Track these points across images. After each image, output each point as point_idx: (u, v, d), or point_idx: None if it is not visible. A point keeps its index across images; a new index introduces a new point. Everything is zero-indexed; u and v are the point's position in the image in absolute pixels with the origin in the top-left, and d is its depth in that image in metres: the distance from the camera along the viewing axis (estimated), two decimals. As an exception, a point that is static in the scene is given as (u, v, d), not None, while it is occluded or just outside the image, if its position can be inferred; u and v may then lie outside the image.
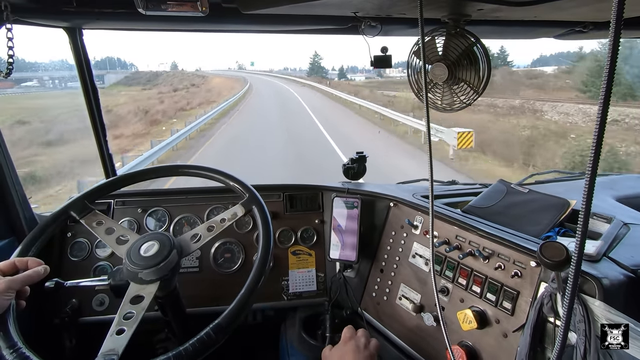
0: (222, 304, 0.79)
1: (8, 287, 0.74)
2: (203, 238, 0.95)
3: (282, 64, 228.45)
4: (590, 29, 1.10)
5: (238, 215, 1.00)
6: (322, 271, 1.39)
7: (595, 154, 0.49)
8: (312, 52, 72.00)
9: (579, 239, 0.53)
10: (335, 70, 68.11)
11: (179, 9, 0.84)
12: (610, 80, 0.47)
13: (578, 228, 0.53)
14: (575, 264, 0.54)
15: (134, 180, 1.13)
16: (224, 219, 0.99)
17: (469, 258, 0.99)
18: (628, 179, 1.63)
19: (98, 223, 0.96)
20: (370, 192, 1.34)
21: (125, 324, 0.76)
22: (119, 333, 0.74)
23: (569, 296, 0.56)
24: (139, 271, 0.83)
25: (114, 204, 1.34)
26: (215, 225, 0.97)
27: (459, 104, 1.04)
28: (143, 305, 0.81)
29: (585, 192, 0.51)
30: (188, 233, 0.95)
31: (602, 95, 0.47)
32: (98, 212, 0.98)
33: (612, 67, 0.47)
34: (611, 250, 0.90)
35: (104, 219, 0.97)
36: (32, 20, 1.05)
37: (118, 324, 0.76)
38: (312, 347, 1.34)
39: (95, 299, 1.24)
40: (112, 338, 0.73)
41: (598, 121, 0.48)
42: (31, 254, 0.89)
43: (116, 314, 0.78)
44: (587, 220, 0.52)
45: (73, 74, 1.37)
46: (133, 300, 0.81)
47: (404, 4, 0.87)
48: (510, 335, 0.87)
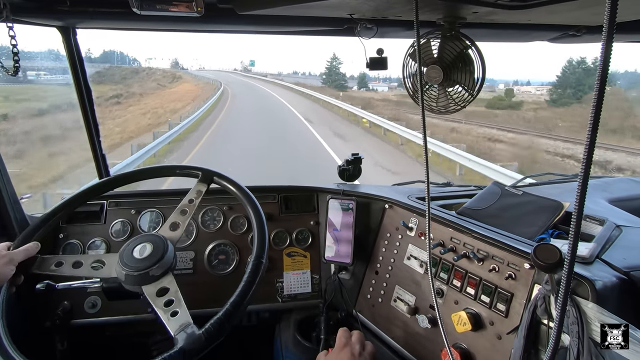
0: (217, 306, 0.79)
1: (10, 259, 0.83)
2: (182, 224, 0.95)
3: (294, 67, 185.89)
4: (583, 33, 1.11)
5: (202, 192, 1.03)
6: (317, 273, 1.39)
7: (588, 158, 0.50)
8: (329, 55, 57.36)
9: (571, 241, 0.53)
10: (353, 77, 55.40)
11: (174, 9, 0.84)
12: (602, 84, 0.47)
13: (571, 230, 0.53)
14: (567, 266, 0.54)
15: (128, 181, 1.12)
16: (191, 199, 1.01)
17: (464, 260, 0.99)
18: (621, 181, 1.65)
19: (57, 264, 0.89)
20: (366, 193, 1.34)
21: (172, 308, 0.77)
22: (174, 314, 0.76)
23: (561, 298, 0.56)
24: (148, 270, 0.83)
25: (107, 205, 1.33)
26: (187, 208, 0.99)
27: (454, 106, 1.05)
28: (174, 290, 0.81)
29: (577, 194, 0.51)
30: (165, 225, 0.96)
31: (595, 99, 0.48)
32: (47, 257, 0.90)
33: (604, 71, 0.47)
34: (604, 252, 0.91)
35: (61, 258, 0.91)
36: (25, 19, 1.04)
37: (165, 312, 0.76)
38: (307, 349, 1.34)
39: (87, 302, 1.23)
40: (172, 321, 0.75)
41: (590, 125, 0.49)
42: (5, 285, 0.88)
43: (155, 309, 0.78)
44: (580, 223, 0.52)
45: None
46: (159, 294, 0.81)
47: (399, 6, 0.87)
48: (504, 337, 0.87)
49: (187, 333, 0.72)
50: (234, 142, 10.76)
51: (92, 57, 75.76)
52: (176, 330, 0.73)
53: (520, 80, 71.07)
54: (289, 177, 6.41)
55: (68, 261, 0.89)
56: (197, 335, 0.72)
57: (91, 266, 0.89)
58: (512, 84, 54.04)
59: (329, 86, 44.49)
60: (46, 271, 0.88)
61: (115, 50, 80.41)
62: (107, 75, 41.60)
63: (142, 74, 46.22)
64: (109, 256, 0.90)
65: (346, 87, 46.93)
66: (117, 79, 39.97)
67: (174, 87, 35.99)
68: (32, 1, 0.96)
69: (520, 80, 71.02)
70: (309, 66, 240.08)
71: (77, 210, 1.08)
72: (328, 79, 49.53)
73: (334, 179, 1.52)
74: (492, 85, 43.53)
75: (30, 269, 0.87)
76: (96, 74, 40.72)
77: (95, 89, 1.31)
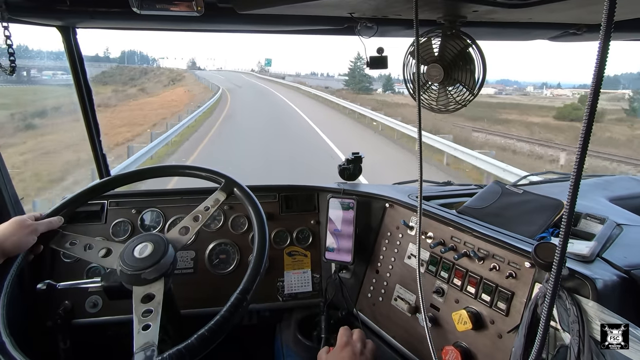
0: (217, 305, 0.79)
1: (35, 229, 0.89)
2: (192, 229, 0.95)
3: (313, 68, 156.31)
4: (584, 31, 1.10)
5: (220, 200, 1.01)
6: (317, 272, 1.39)
7: (581, 155, 0.50)
8: (352, 54, 44.25)
9: (562, 232, 0.54)
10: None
11: (174, 9, 0.83)
12: (598, 82, 0.47)
13: (563, 223, 0.53)
14: (557, 262, 0.54)
15: (128, 181, 1.13)
16: (207, 207, 0.99)
17: (464, 259, 0.99)
18: (622, 179, 1.65)
19: (71, 243, 0.93)
20: (366, 192, 1.34)
21: (147, 320, 0.76)
22: (146, 328, 0.74)
23: (549, 293, 0.56)
24: (140, 272, 0.82)
25: (107, 205, 1.33)
26: (200, 214, 0.97)
27: (454, 105, 1.04)
28: (157, 300, 0.80)
29: (570, 191, 0.51)
30: (175, 228, 0.95)
31: (590, 96, 0.48)
32: (66, 233, 0.96)
33: (600, 69, 0.47)
34: (604, 250, 0.91)
35: (76, 237, 0.95)
36: (25, 19, 1.04)
37: (139, 322, 0.75)
38: (308, 348, 1.34)
39: (88, 301, 1.23)
40: (140, 335, 0.73)
41: (585, 122, 0.49)
42: (23, 252, 0.89)
43: (133, 315, 0.77)
44: (571, 218, 0.52)
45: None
46: (144, 300, 0.80)
47: (399, 5, 0.87)
48: (505, 335, 0.87)
49: (145, 355, 0.69)
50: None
51: (110, 56, 72.27)
52: (138, 347, 0.71)
53: (548, 82, 66.44)
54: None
55: (81, 242, 0.93)
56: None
57: (99, 252, 0.90)
58: (542, 86, 51.17)
59: (352, 89, 39.24)
60: (61, 247, 0.93)
61: (135, 50, 78.34)
62: (114, 75, 39.64)
63: (150, 74, 44.88)
64: (116, 245, 0.91)
65: (371, 90, 41.62)
66: (125, 79, 38.07)
67: (160, 94, 28.71)
68: (31, 1, 0.96)
69: (549, 82, 66.87)
70: (328, 67, 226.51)
71: (77, 210, 1.09)
72: (351, 80, 43.39)
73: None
74: (522, 88, 41.19)
75: (50, 241, 0.93)
76: (102, 74, 38.30)
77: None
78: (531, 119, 19.82)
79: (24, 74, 18.12)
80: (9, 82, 13.60)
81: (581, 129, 0.49)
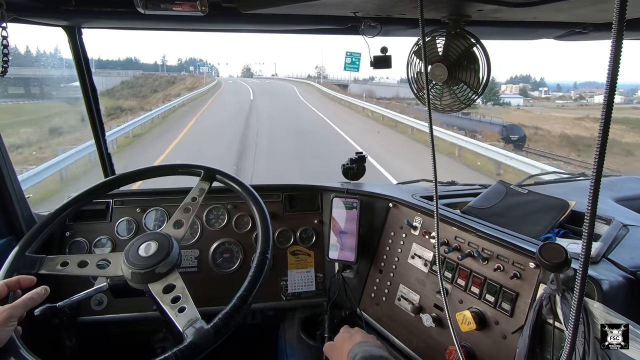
0: (221, 303, 0.79)
1: (9, 315, 0.69)
2: (185, 221, 0.97)
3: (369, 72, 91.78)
4: (590, 30, 1.09)
5: (205, 189, 1.05)
6: (321, 271, 1.39)
7: (600, 157, 0.49)
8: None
9: (584, 243, 0.52)
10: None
11: (178, 9, 0.84)
12: (613, 83, 0.47)
13: (584, 231, 0.52)
14: (581, 269, 0.53)
15: (132, 180, 1.13)
16: (194, 197, 1.03)
17: (468, 259, 0.99)
18: (628, 180, 1.63)
19: (63, 264, 0.88)
20: (370, 192, 1.34)
21: (179, 305, 0.78)
22: (182, 310, 0.77)
23: (576, 302, 0.55)
24: (154, 267, 0.84)
25: (112, 204, 1.34)
26: (190, 206, 1.01)
27: (458, 105, 1.04)
28: (180, 285, 0.82)
29: (590, 195, 0.51)
30: (168, 223, 0.97)
31: (606, 97, 0.47)
32: (52, 257, 0.89)
33: (614, 70, 0.46)
34: (610, 251, 0.90)
35: (65, 258, 0.90)
36: (31, 19, 1.04)
37: (172, 308, 0.77)
38: (311, 348, 1.34)
39: (93, 299, 1.24)
40: (179, 317, 0.76)
41: (602, 124, 0.48)
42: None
43: (162, 307, 0.79)
44: (593, 224, 0.52)
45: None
46: (165, 291, 0.82)
47: (404, 4, 0.87)
48: (509, 336, 0.87)
49: (195, 328, 0.73)
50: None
51: (167, 63, 64.05)
52: (184, 325, 0.74)
53: (578, 82, 58.65)
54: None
55: (73, 261, 0.89)
56: (205, 329, 0.73)
57: (97, 264, 0.89)
58: (576, 86, 46.00)
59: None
60: (52, 271, 0.87)
61: (195, 57, 71.09)
62: (135, 86, 30.91)
63: (178, 84, 34.01)
64: (114, 255, 0.90)
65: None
66: (147, 91, 29.85)
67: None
68: (37, 1, 0.97)
69: (579, 82, 58.02)
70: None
71: (83, 208, 1.09)
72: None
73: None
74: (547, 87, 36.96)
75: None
76: (121, 84, 30.82)
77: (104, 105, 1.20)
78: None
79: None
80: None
81: (598, 129, 0.49)
